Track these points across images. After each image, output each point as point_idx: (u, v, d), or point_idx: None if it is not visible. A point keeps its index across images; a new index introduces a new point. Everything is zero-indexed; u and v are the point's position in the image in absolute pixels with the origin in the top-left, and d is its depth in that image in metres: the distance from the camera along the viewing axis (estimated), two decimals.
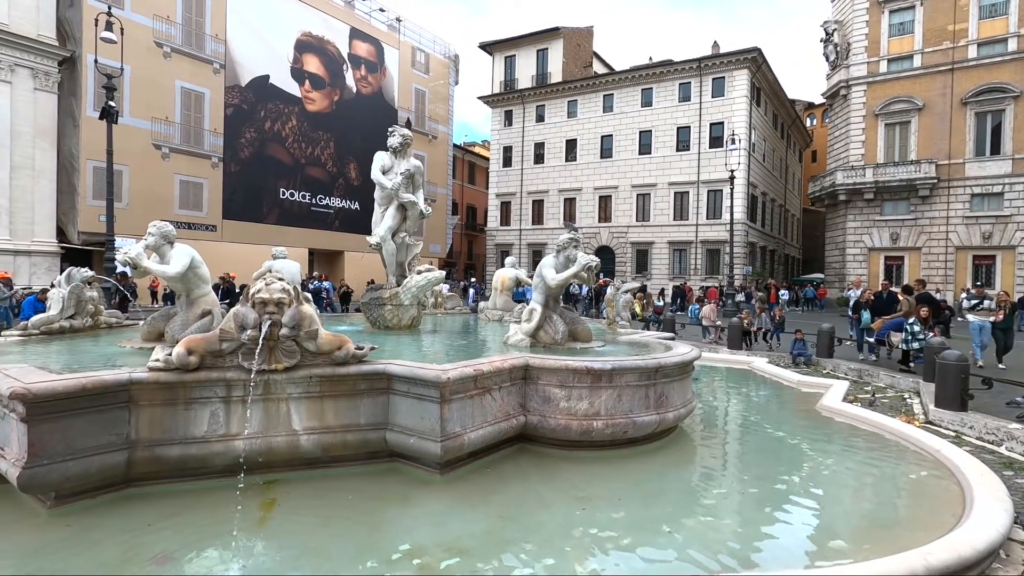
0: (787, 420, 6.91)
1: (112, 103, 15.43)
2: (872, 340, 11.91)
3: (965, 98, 28.23)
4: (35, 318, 6.50)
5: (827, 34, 33.04)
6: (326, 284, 22.08)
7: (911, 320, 10.33)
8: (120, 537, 3.38)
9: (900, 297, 12.01)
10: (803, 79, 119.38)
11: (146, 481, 3.98)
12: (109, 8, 17.24)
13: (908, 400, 8.30)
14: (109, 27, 16.14)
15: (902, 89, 30.04)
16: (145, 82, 24.70)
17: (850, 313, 16.34)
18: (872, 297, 13.05)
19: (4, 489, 3.73)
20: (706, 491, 4.56)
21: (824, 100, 37.51)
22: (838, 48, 32.43)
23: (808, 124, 55.60)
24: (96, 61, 17.07)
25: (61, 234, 24.01)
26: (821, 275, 36.90)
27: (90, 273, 6.95)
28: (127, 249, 5.48)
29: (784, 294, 24.66)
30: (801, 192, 50.37)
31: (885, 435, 6.00)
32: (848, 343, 13.37)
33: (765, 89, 38.31)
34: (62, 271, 7.29)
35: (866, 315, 12.34)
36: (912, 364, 10.13)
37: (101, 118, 15.86)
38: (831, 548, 3.50)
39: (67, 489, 3.67)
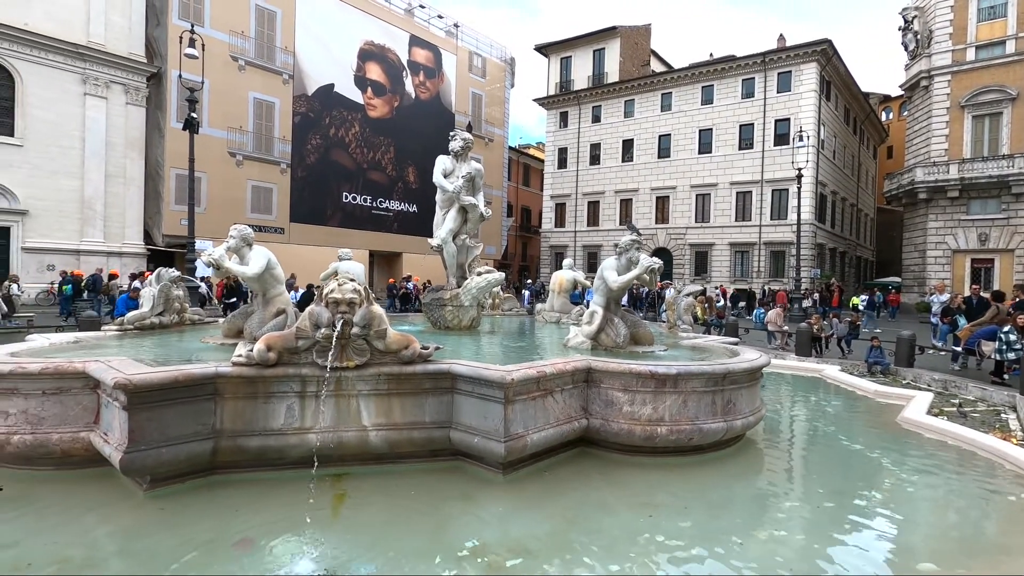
0: (864, 432, 6.51)
1: (194, 115, 16.51)
2: (959, 348, 11.05)
3: None
4: (130, 315, 7.05)
5: (906, 22, 30.95)
6: (417, 284, 24.62)
7: (1006, 328, 9.51)
8: (207, 520, 3.62)
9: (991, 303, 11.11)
10: (878, 71, 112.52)
11: (228, 469, 4.23)
12: (192, 26, 18.48)
13: (1003, 415, 7.65)
14: (192, 44, 17.30)
15: (992, 78, 27.71)
16: (222, 94, 26.28)
17: (932, 320, 15.25)
18: (963, 303, 12.14)
19: (107, 472, 4.08)
20: (777, 504, 4.37)
21: (902, 92, 35.15)
22: (918, 36, 30.31)
23: (884, 118, 52.23)
24: (180, 76, 18.35)
25: (147, 237, 25.94)
26: (898, 279, 34.56)
27: (177, 274, 7.46)
28: (210, 251, 5.85)
29: (863, 299, 23.07)
30: (876, 190, 47.39)
31: (977, 452, 5.56)
32: (930, 352, 12.46)
33: (836, 83, 36.33)
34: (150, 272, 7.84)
35: (962, 321, 11.49)
36: (1007, 376, 9.33)
37: (184, 129, 17.01)
38: (920, 571, 3.28)
39: (160, 474, 3.96)
